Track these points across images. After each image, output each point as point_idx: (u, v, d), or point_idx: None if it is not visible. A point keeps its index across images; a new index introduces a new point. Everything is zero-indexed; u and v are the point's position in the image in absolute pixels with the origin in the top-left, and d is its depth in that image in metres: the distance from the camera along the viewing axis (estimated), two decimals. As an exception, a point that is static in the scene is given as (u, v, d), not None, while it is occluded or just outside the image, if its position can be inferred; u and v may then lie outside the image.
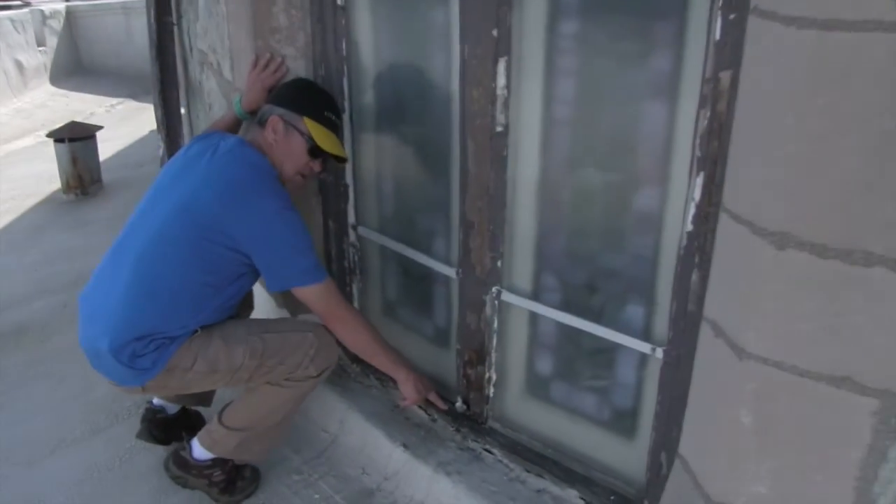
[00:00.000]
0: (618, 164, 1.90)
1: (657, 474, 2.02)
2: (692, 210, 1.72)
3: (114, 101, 9.09)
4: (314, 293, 2.18)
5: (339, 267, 2.80)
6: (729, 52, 1.53)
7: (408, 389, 2.39)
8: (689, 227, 1.73)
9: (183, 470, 2.38)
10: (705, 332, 1.69)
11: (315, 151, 2.30)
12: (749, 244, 1.47)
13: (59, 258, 4.47)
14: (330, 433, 2.63)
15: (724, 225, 1.57)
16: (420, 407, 2.55)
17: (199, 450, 2.38)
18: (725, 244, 1.59)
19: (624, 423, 2.15)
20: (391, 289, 2.75)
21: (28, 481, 2.55)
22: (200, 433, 2.39)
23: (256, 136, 2.30)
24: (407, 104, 2.42)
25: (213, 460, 2.37)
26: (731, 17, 1.49)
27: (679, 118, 1.74)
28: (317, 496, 2.40)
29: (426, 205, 2.46)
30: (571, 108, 1.94)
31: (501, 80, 1.98)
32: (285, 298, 2.84)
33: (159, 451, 2.62)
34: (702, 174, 1.67)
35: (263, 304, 2.95)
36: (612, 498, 2.15)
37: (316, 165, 2.35)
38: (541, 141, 2.01)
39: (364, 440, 2.52)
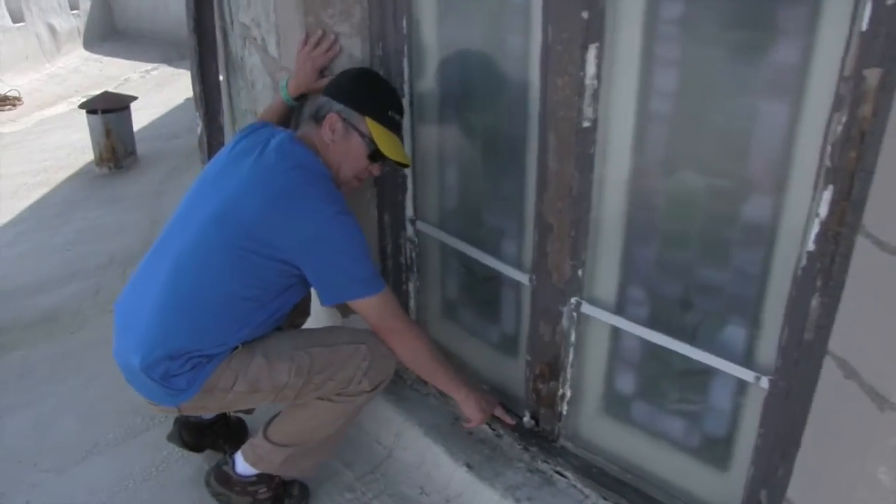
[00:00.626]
0: (724, 168, 1.71)
1: (755, 511, 1.85)
2: (815, 228, 1.53)
3: (148, 66, 9.00)
4: (370, 306, 2.03)
5: (394, 263, 2.65)
6: (881, 46, 1.32)
7: (470, 409, 2.23)
8: (811, 246, 1.55)
9: (225, 486, 2.26)
10: (830, 370, 1.51)
11: (376, 156, 2.14)
12: (900, 279, 1.29)
13: (91, 237, 4.38)
14: (385, 446, 2.50)
15: (864, 251, 1.38)
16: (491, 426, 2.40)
17: (243, 465, 2.25)
18: (864, 274, 1.40)
19: (716, 452, 1.98)
20: (452, 289, 2.59)
21: (58, 490, 2.46)
22: (244, 447, 2.26)
23: (311, 133, 2.13)
24: (475, 91, 2.23)
25: (257, 476, 2.25)
26: (890, 1, 1.28)
27: (804, 121, 1.54)
28: (372, 518, 2.27)
29: (495, 202, 2.28)
30: (672, 103, 1.75)
31: (591, 69, 1.79)
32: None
33: (200, 460, 2.51)
34: (830, 188, 1.48)
35: (322, 310, 2.80)
36: (700, 533, 1.98)
37: (375, 169, 2.20)
38: (634, 139, 1.83)
39: (422, 456, 2.38)
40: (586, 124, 1.84)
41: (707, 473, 2.01)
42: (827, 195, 1.49)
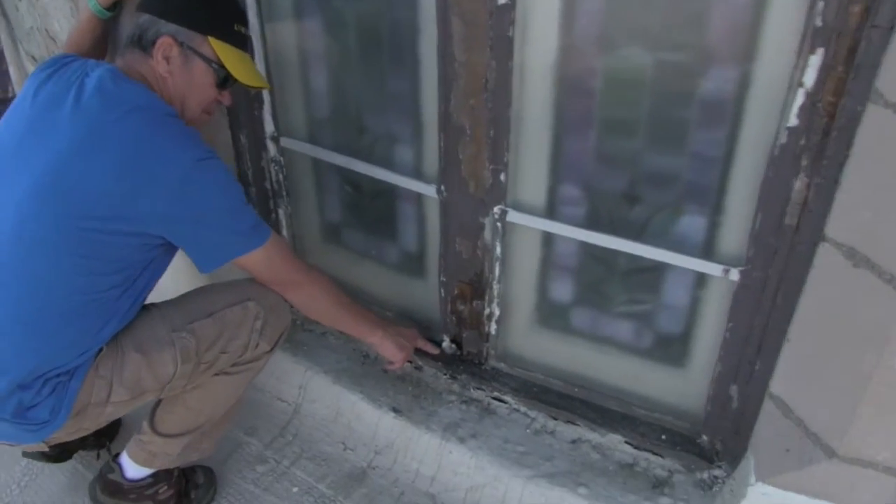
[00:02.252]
0: (676, 38, 1.46)
1: (724, 408, 1.73)
2: (799, 99, 1.32)
3: None
4: (258, 260, 1.67)
5: (258, 190, 2.24)
6: None
7: (389, 351, 1.95)
8: (793, 121, 1.35)
9: (117, 497, 1.88)
10: (831, 258, 1.34)
11: (226, 82, 1.71)
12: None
13: None
14: (289, 402, 2.19)
15: (877, 121, 1.18)
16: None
17: (133, 468, 1.87)
18: (881, 149, 1.20)
19: (672, 351, 1.83)
20: (333, 210, 2.23)
21: None
22: (130, 447, 1.87)
23: (137, 64, 1.64)
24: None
25: (153, 476, 1.88)
26: None
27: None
28: (295, 489, 1.98)
29: (379, 104, 1.93)
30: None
31: (504, -70, 1.43)
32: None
33: (72, 464, 2.08)
34: (821, 52, 1.25)
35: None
36: (662, 437, 1.85)
37: (225, 98, 1.77)
38: (562, 13, 1.52)
39: (336, 407, 2.09)
40: (502, 1, 1.50)
41: (664, 374, 1.86)
42: (815, 60, 1.27)
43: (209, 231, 1.56)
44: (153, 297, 1.73)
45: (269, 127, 2.12)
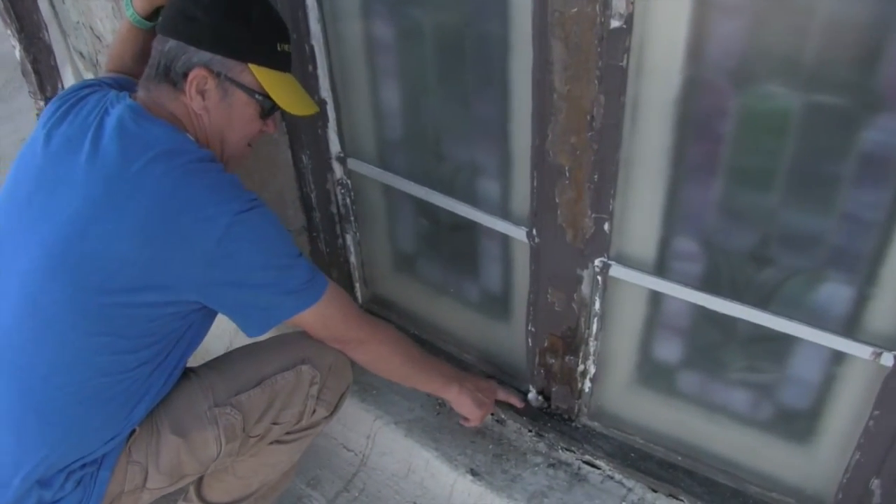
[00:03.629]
0: (833, 78, 1.16)
1: (860, 502, 1.45)
2: None
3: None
4: (314, 318, 1.45)
5: (324, 215, 2.03)
6: None
7: (466, 408, 1.73)
8: None
9: None
10: None
11: (271, 111, 1.49)
12: None
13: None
14: (356, 453, 1.98)
15: None
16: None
17: None
18: None
19: (798, 427, 1.56)
20: (406, 239, 2.01)
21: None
22: None
23: (165, 100, 1.41)
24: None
25: None
26: None
27: None
28: (361, 556, 1.78)
29: (461, 129, 1.68)
30: (754, -17, 1.15)
31: (622, -59, 1.16)
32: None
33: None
34: None
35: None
36: (781, 522, 1.59)
37: (270, 127, 1.54)
38: (689, 40, 1.24)
39: (408, 462, 1.89)
40: (616, 24, 1.23)
41: (785, 450, 1.60)
42: None
43: (255, 293, 1.36)
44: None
45: (334, 147, 1.90)
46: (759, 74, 1.22)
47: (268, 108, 1.46)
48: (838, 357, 1.40)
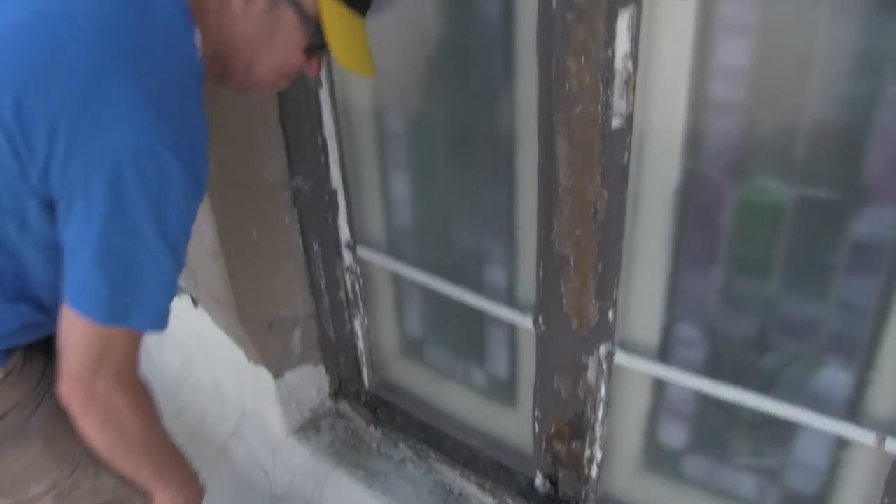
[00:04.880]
0: (824, 172, 1.23)
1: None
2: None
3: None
4: (88, 333, 1.10)
5: (332, 300, 2.08)
6: None
7: None
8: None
9: None
10: None
11: (319, 50, 1.26)
12: None
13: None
14: (360, 541, 1.98)
15: None
16: (484, 489, 1.91)
17: None
18: None
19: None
20: (414, 325, 2.05)
21: None
22: None
23: None
24: (429, 71, 1.66)
25: None
26: None
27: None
28: None
29: (468, 220, 1.74)
30: (744, 85, 1.24)
31: (623, 45, 1.24)
32: (260, 349, 2.10)
33: None
34: None
35: (225, 353, 2.20)
36: None
37: (313, 68, 1.30)
38: (686, 136, 1.31)
39: (415, 551, 1.88)
40: (617, 124, 1.30)
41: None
42: None
43: (109, 254, 1.05)
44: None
45: (344, 234, 1.96)
46: (753, 169, 1.29)
47: (316, 46, 1.23)
48: (843, 443, 1.43)
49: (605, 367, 1.59)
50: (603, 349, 1.57)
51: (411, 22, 1.62)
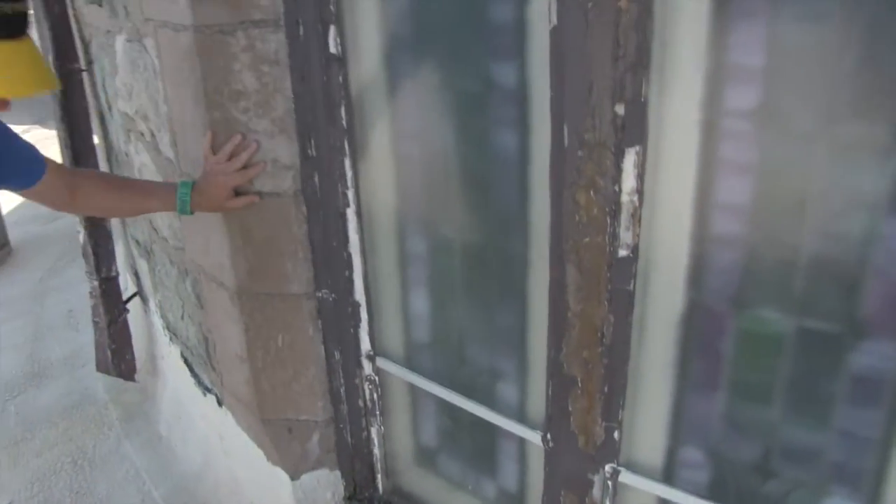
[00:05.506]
0: (822, 304, 1.26)
1: None
2: None
3: (19, 129, 8.04)
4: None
5: (351, 407, 2.11)
6: None
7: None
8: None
9: None
10: None
11: None
12: None
13: (-42, 364, 3.65)
14: None
15: None
16: None
17: None
18: None
19: None
20: (428, 435, 2.07)
21: None
22: None
23: None
24: (448, 198, 1.73)
25: None
26: None
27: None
28: None
29: (483, 338, 1.79)
30: (744, 220, 1.29)
31: (629, 182, 1.31)
32: (279, 450, 2.12)
33: None
34: None
35: (246, 452, 2.23)
36: None
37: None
38: (690, 268, 1.36)
39: None
40: (623, 253, 1.36)
41: None
42: None
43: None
44: None
45: (364, 345, 2.00)
46: (753, 300, 1.33)
47: None
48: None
49: (610, 485, 1.60)
50: (608, 468, 1.58)
51: (433, 152, 1.71)
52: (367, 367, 2.04)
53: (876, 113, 1.12)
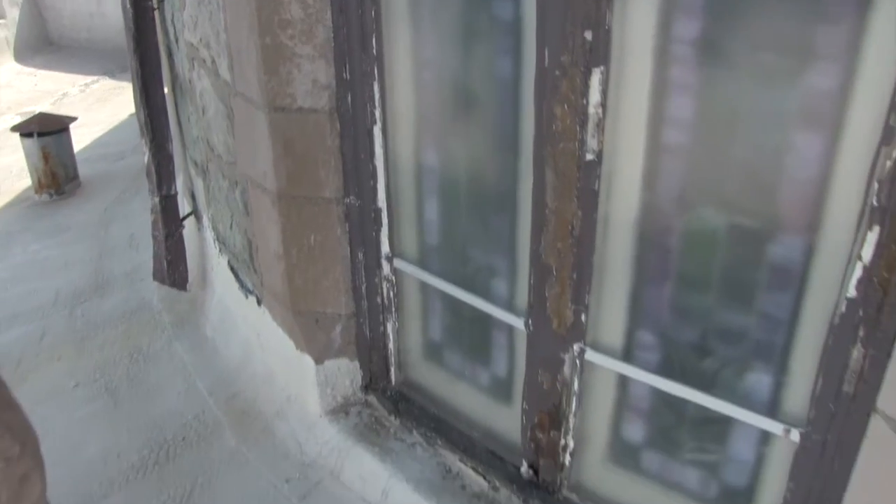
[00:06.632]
0: (750, 205, 1.55)
1: (786, 572, 1.70)
2: (857, 272, 1.38)
3: (88, 79, 8.51)
4: None
5: (370, 304, 2.43)
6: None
7: None
8: (852, 292, 1.40)
9: None
10: (880, 430, 1.36)
11: None
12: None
13: (32, 274, 4.07)
14: (371, 505, 2.29)
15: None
16: (478, 472, 2.21)
17: None
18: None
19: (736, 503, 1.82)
20: (435, 330, 2.39)
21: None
22: None
23: None
24: (457, 116, 2.04)
25: None
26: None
27: (843, 155, 1.38)
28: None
29: (482, 239, 2.09)
30: (688, 133, 1.58)
31: (595, 96, 1.60)
32: (307, 339, 2.47)
33: None
34: (876, 229, 1.32)
35: (279, 345, 2.58)
36: None
37: None
38: (644, 173, 1.65)
39: (413, 515, 2.18)
40: (589, 157, 1.66)
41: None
42: (872, 237, 1.34)
43: None
44: None
45: (384, 247, 2.33)
46: (695, 201, 1.62)
47: None
48: (764, 437, 1.70)
49: (578, 363, 1.90)
50: (577, 347, 1.88)
51: (445, 78, 2.01)
52: (386, 268, 2.36)
53: (790, 42, 1.39)
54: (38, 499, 1.74)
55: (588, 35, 1.55)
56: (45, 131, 4.92)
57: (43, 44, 10.00)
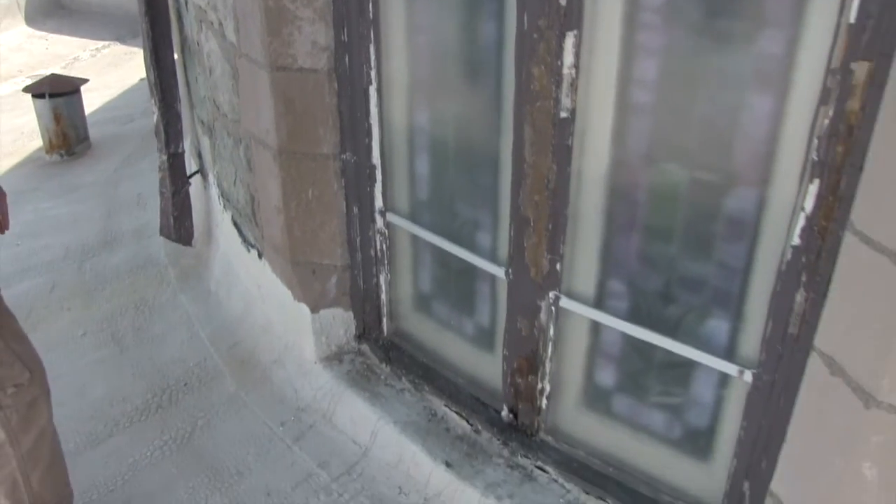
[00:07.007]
0: (707, 161, 1.70)
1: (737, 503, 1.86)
2: (801, 222, 1.53)
3: (99, 44, 8.66)
4: None
5: (364, 256, 2.59)
6: (869, 39, 1.30)
7: None
8: (796, 240, 1.54)
9: None
10: (817, 366, 1.51)
11: None
12: (891, 278, 1.28)
13: (43, 230, 4.25)
14: (360, 445, 2.47)
15: (853, 248, 1.38)
16: (461, 416, 2.38)
17: None
18: (853, 272, 1.40)
19: (698, 444, 1.98)
20: (425, 282, 2.55)
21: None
22: None
23: None
24: (447, 78, 2.19)
25: None
26: (879, -5, 1.26)
27: (790, 113, 1.53)
28: (349, 521, 2.24)
29: (468, 194, 2.24)
30: (653, 93, 1.72)
31: (569, 58, 1.75)
32: (304, 288, 2.63)
33: (169, 468, 2.45)
34: (817, 182, 1.47)
35: (278, 296, 2.75)
36: (683, 525, 1.99)
37: None
38: (613, 130, 1.80)
39: (400, 455, 2.36)
40: (564, 115, 1.81)
41: (690, 465, 2.01)
42: (813, 189, 1.48)
43: None
44: None
45: (378, 202, 2.48)
46: (660, 157, 1.77)
47: None
48: (722, 379, 1.85)
49: (553, 310, 2.06)
50: (552, 294, 2.04)
51: (436, 41, 2.16)
52: (379, 222, 2.52)
53: (743, 10, 1.54)
54: (45, 423, 1.96)
55: (563, 1, 1.69)
56: (57, 92, 5.09)
57: (54, 7, 10.12)
